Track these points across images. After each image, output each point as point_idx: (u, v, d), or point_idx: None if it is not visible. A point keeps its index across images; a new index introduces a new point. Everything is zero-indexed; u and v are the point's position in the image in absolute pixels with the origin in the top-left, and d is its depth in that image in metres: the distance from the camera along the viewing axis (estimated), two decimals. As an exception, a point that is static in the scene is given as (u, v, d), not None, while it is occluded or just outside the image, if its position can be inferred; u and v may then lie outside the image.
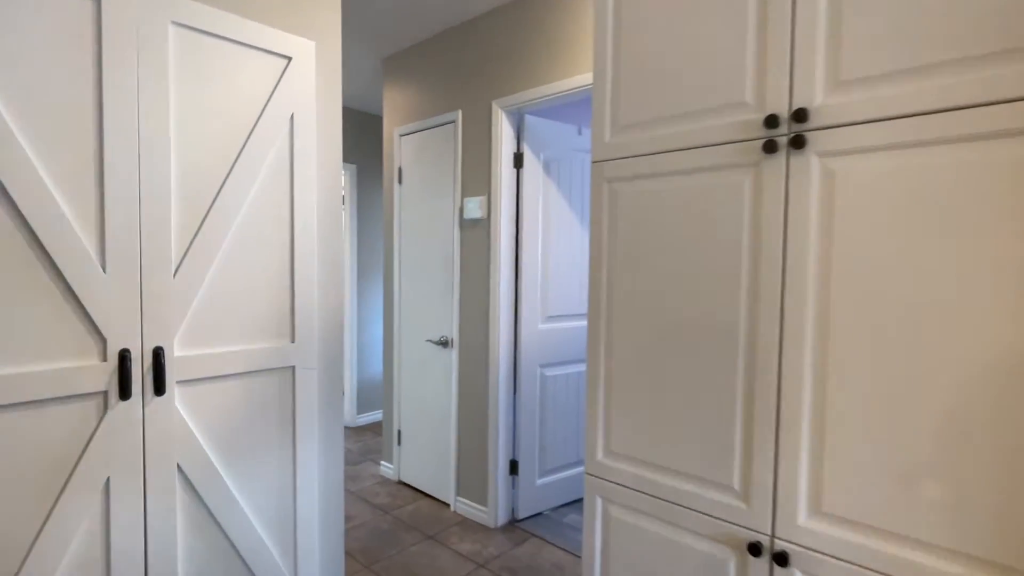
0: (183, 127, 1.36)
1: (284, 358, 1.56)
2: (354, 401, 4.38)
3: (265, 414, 1.53)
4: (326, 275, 1.68)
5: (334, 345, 1.70)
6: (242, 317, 1.47)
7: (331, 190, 1.69)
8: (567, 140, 2.83)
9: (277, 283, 1.54)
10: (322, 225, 1.67)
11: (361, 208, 4.38)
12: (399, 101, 3.17)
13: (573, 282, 2.89)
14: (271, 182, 1.52)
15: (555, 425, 2.87)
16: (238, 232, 1.46)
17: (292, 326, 1.58)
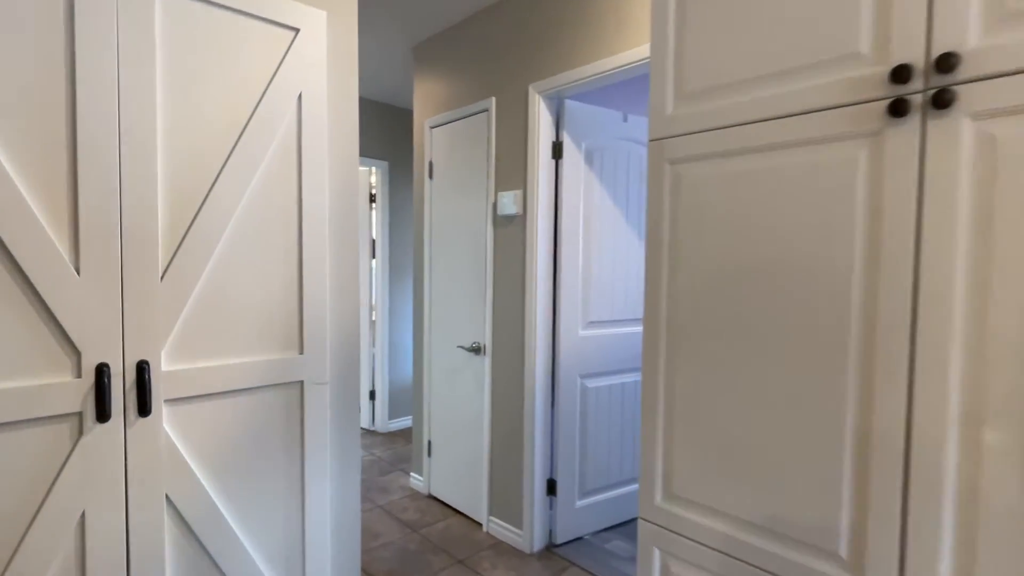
0: (172, 109, 1.18)
1: (291, 371, 1.37)
2: (385, 405, 4.24)
3: (269, 436, 1.35)
4: (340, 277, 1.49)
5: (349, 356, 1.50)
6: (242, 325, 1.29)
7: (346, 181, 1.50)
8: (611, 127, 2.57)
9: (283, 287, 1.35)
10: (336, 221, 1.47)
11: (393, 206, 4.23)
12: (429, 91, 2.98)
13: (617, 284, 2.63)
14: (276, 172, 1.34)
15: (597, 442, 2.62)
16: (237, 229, 1.28)
17: (300, 335, 1.39)
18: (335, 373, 1.47)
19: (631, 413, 2.73)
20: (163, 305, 1.17)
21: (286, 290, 1.36)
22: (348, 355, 1.51)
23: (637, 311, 2.71)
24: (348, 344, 1.50)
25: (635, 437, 2.76)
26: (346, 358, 1.50)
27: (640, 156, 2.67)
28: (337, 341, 1.48)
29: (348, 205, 1.51)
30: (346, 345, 1.50)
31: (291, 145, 1.36)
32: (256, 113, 1.29)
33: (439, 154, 2.93)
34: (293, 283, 1.37)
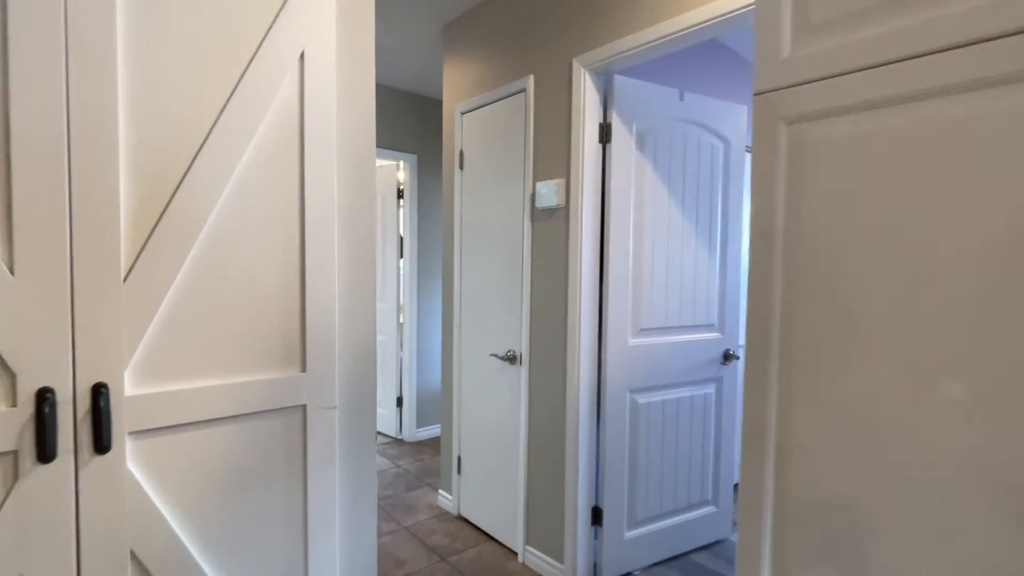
0: (137, 69, 0.94)
1: (291, 394, 1.11)
2: (413, 413, 4.00)
3: (264, 474, 1.10)
4: (353, 280, 1.23)
5: (364, 374, 1.24)
6: (228, 338, 1.04)
7: (360, 165, 1.24)
8: (666, 107, 2.25)
9: (280, 290, 1.10)
10: (347, 213, 1.22)
11: (423, 202, 3.99)
12: (460, 73, 2.72)
13: (672, 285, 2.31)
14: (271, 150, 1.08)
15: (649, 465, 2.30)
16: (222, 219, 1.03)
17: (302, 350, 1.13)
18: (346, 395, 1.21)
19: (688, 432, 2.40)
20: (127, 313, 0.93)
21: (284, 295, 1.11)
22: (362, 373, 1.24)
23: (696, 316, 2.38)
24: (362, 359, 1.24)
25: (692, 460, 2.43)
26: (360, 376, 1.24)
27: (698, 140, 2.34)
28: (348, 356, 1.22)
29: (363, 194, 1.25)
30: (359, 361, 1.24)
31: (291, 117, 1.11)
32: (246, 76, 1.04)
33: (471, 142, 2.66)
34: (293, 286, 1.12)
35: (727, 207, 2.45)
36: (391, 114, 3.81)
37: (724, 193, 2.44)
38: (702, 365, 2.43)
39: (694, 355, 2.39)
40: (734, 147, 2.46)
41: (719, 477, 2.53)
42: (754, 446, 0.87)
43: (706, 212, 2.39)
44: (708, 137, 2.38)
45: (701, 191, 2.37)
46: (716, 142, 2.41)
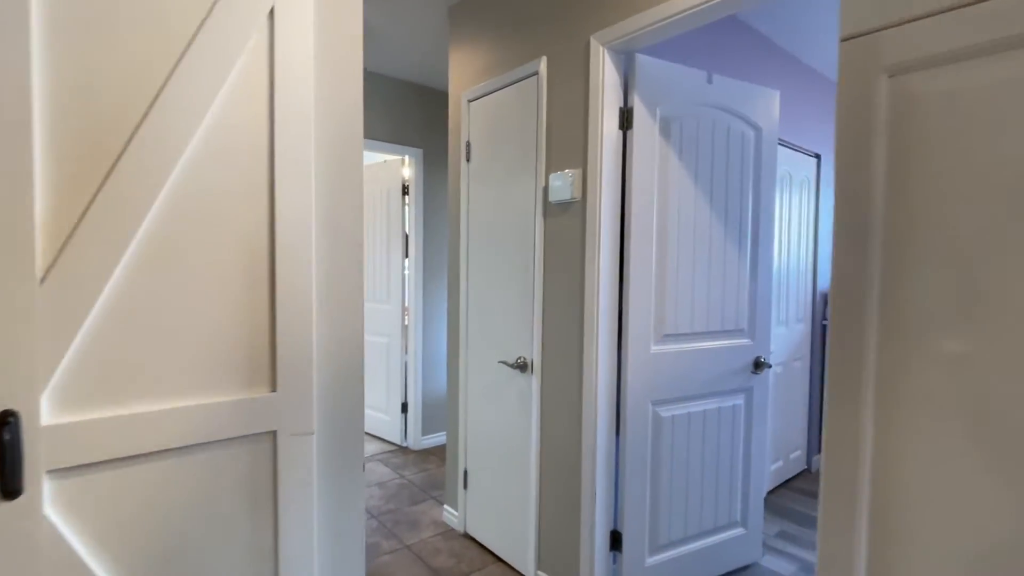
0: (59, 17, 0.76)
1: (258, 418, 0.93)
2: (419, 420, 3.82)
3: (224, 516, 0.91)
4: (334, 286, 1.04)
5: (348, 393, 1.06)
6: (179, 352, 0.86)
7: (345, 153, 1.05)
8: (693, 90, 2.04)
9: (245, 296, 0.92)
10: (327, 208, 1.03)
11: (429, 198, 3.81)
12: (467, 58, 2.53)
13: (699, 287, 2.10)
14: (233, 124, 0.90)
15: (673, 484, 2.10)
16: (170, 208, 0.84)
17: (272, 367, 0.95)
18: (326, 418, 1.02)
19: (715, 448, 2.19)
20: (44, 323, 0.75)
21: (250, 300, 0.92)
22: (346, 391, 1.05)
23: (724, 321, 2.17)
24: (346, 376, 1.05)
25: (719, 478, 2.22)
26: (343, 396, 1.05)
27: (728, 127, 2.13)
28: (330, 373, 1.03)
29: (348, 187, 1.06)
30: (343, 378, 1.05)
31: (258, 89, 0.92)
32: (201, 33, 0.86)
33: (478, 132, 2.47)
34: (261, 291, 0.93)
35: (759, 202, 2.24)
36: (395, 106, 3.64)
37: (755, 187, 2.23)
38: (731, 374, 2.21)
39: (722, 363, 2.18)
40: (766, 136, 2.24)
41: (748, 496, 2.32)
42: (838, 498, 0.67)
43: (736, 207, 2.18)
44: (738, 124, 2.17)
45: (731, 184, 2.15)
46: (747, 130, 2.19)
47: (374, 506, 2.90)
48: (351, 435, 1.06)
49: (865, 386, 0.67)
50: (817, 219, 3.41)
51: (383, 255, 3.96)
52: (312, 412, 0.98)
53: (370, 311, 4.09)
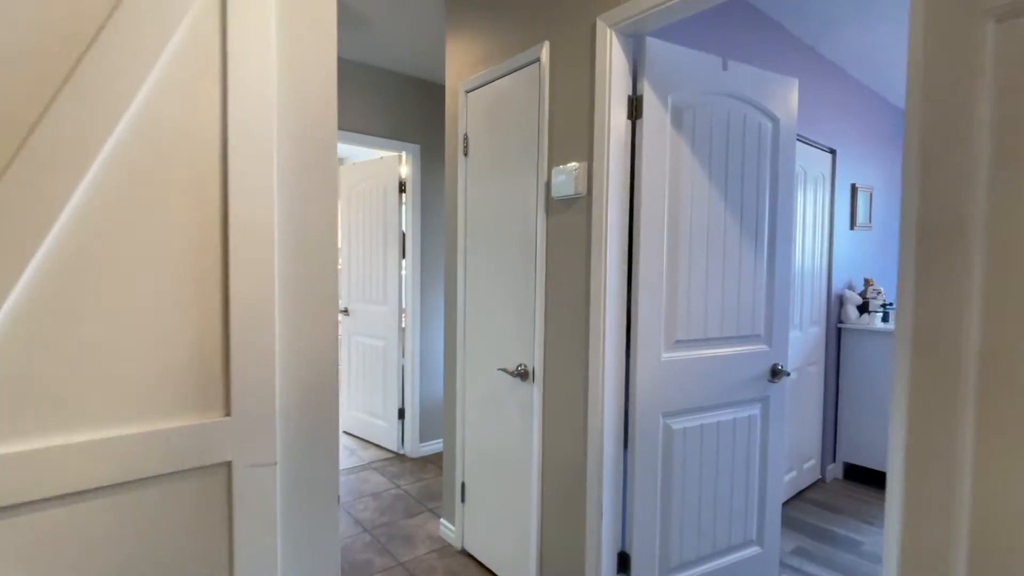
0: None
1: (208, 448, 0.79)
2: (416, 426, 3.68)
3: (167, 566, 0.77)
4: (301, 293, 0.89)
5: (319, 415, 0.91)
6: (106, 370, 0.72)
7: (319, 117, 0.90)
8: (707, 77, 1.89)
9: (191, 304, 0.77)
10: (292, 204, 0.88)
11: (426, 196, 3.67)
12: (465, 45, 2.39)
13: (713, 290, 1.95)
14: (176, 97, 0.76)
15: (685, 501, 1.95)
16: (94, 197, 0.70)
17: (225, 387, 0.80)
18: (292, 444, 0.88)
19: (729, 461, 2.05)
20: (-71, 340, 0.61)
21: (199, 311, 0.78)
22: (317, 413, 0.91)
23: (740, 327, 2.03)
24: (316, 397, 0.91)
25: (734, 493, 2.07)
26: (314, 418, 0.91)
27: (744, 118, 1.98)
28: (296, 392, 0.88)
29: (319, 180, 0.91)
30: (312, 399, 0.90)
31: (208, 49, 0.78)
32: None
33: (476, 124, 2.33)
34: (211, 299, 0.79)
35: (776, 198, 2.09)
36: (391, 100, 3.50)
37: (773, 181, 2.08)
38: (747, 383, 2.07)
39: (737, 371, 2.03)
40: (784, 128, 2.09)
41: (765, 513, 2.17)
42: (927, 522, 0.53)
43: (752, 203, 2.03)
44: (755, 115, 2.02)
45: (747, 178, 2.01)
46: (765, 121, 2.05)
47: (367, 519, 2.76)
48: (323, 464, 0.91)
49: (963, 399, 0.52)
50: (832, 217, 3.26)
51: (379, 255, 3.82)
52: (274, 439, 0.84)
53: (366, 313, 3.95)
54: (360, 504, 2.93)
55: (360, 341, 4.02)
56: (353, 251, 4.07)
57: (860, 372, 3.30)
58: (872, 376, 3.25)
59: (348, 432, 4.17)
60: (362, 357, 4.01)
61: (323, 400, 0.91)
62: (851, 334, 3.34)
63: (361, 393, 4.03)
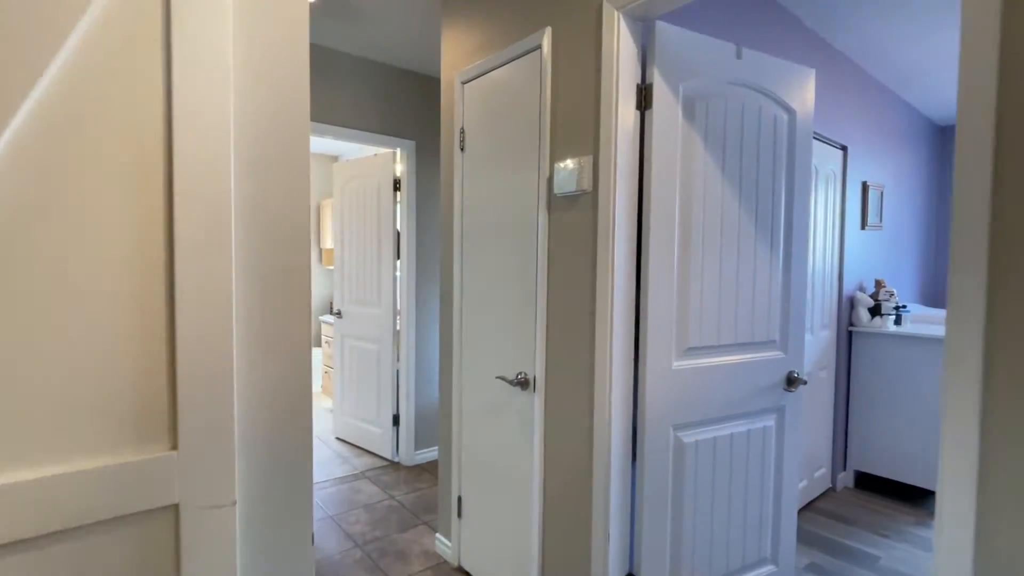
0: None
1: (152, 488, 0.66)
2: (411, 433, 3.55)
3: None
4: (268, 298, 0.76)
5: (288, 445, 0.78)
6: (19, 398, 0.58)
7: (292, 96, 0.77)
8: (721, 65, 1.77)
9: (129, 316, 0.64)
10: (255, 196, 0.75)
11: (422, 194, 3.54)
12: (462, 34, 2.26)
13: (727, 293, 1.82)
14: (105, 64, 0.62)
15: (697, 518, 1.82)
16: (5, 184, 0.57)
17: (172, 415, 0.68)
18: (255, 480, 0.75)
19: (743, 476, 1.92)
20: None
21: (139, 323, 0.65)
22: (286, 443, 0.78)
23: (754, 332, 1.90)
24: (285, 423, 0.78)
25: (748, 509, 1.95)
26: (281, 448, 0.78)
27: (759, 109, 1.86)
28: (260, 419, 0.75)
29: (286, 168, 0.78)
30: (281, 425, 0.77)
31: (147, 6, 0.64)
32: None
33: (473, 117, 2.20)
34: (154, 309, 0.66)
35: (792, 195, 1.96)
36: (385, 94, 3.36)
37: (788, 177, 1.95)
38: (761, 392, 1.94)
39: (752, 380, 1.91)
40: (800, 120, 1.97)
41: (780, 529, 2.04)
42: None
43: (767, 201, 1.90)
44: (771, 107, 1.89)
45: (762, 174, 1.88)
46: (780, 113, 1.92)
47: (359, 533, 2.63)
48: (294, 502, 0.78)
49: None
50: (844, 216, 3.14)
51: (373, 255, 3.69)
52: (233, 474, 0.71)
53: (359, 315, 3.82)
54: (352, 516, 2.80)
55: (353, 344, 3.89)
56: (346, 251, 3.93)
57: (872, 377, 3.18)
58: (884, 381, 3.13)
59: (340, 439, 4.04)
60: (355, 361, 3.87)
61: (295, 426, 0.78)
62: (863, 337, 3.22)
63: (354, 398, 3.90)
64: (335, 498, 3.02)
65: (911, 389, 3.03)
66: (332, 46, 3.09)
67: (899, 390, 3.08)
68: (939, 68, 3.20)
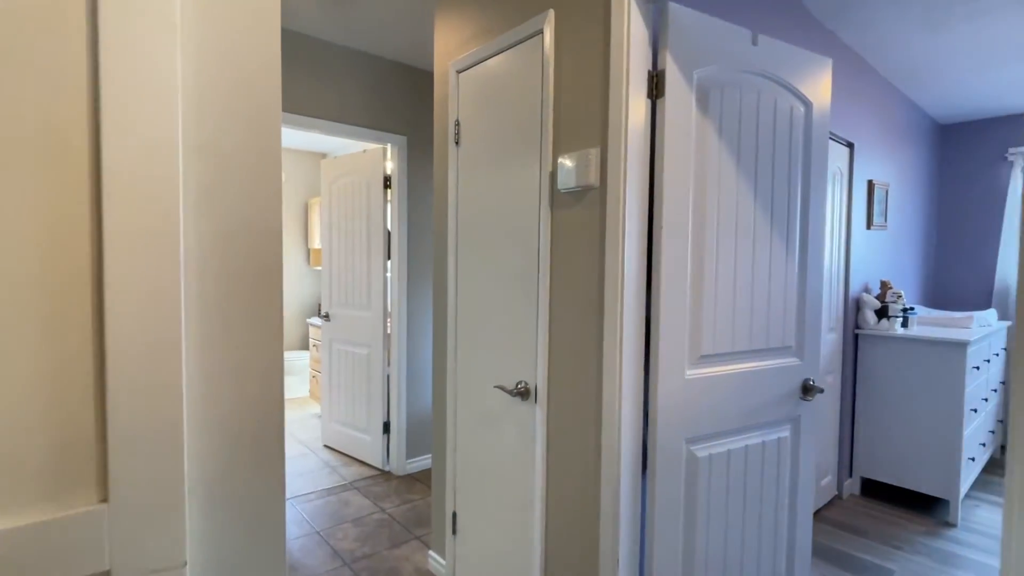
0: None
1: (72, 552, 0.52)
2: (403, 440, 3.40)
3: None
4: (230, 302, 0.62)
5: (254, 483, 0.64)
6: None
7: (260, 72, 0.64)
8: (736, 51, 1.65)
9: (42, 329, 0.50)
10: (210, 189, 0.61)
11: (414, 192, 3.39)
12: (456, 20, 2.12)
13: (742, 296, 1.70)
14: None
15: (710, 539, 1.70)
16: None
17: (100, 458, 0.53)
18: (210, 534, 0.61)
19: (757, 491, 1.80)
20: None
21: (56, 339, 0.50)
22: (252, 481, 0.64)
23: (769, 338, 1.78)
24: (250, 456, 0.64)
25: (763, 526, 1.83)
26: (247, 488, 0.64)
27: (774, 100, 1.74)
28: (217, 453, 0.61)
29: (254, 129, 0.64)
30: (245, 461, 0.63)
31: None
32: None
33: (469, 108, 2.06)
34: (77, 321, 0.51)
35: (808, 193, 1.85)
36: (375, 87, 3.22)
37: (805, 174, 1.84)
38: (776, 401, 1.82)
39: (767, 388, 1.79)
40: (817, 113, 1.86)
41: (795, 546, 1.93)
42: None
43: (783, 199, 1.78)
44: (787, 97, 1.78)
45: (778, 170, 1.76)
46: (797, 105, 1.80)
47: (347, 549, 2.48)
48: (263, 555, 0.64)
49: None
50: (850, 216, 3.04)
51: (363, 256, 3.54)
52: (182, 530, 0.57)
53: (348, 319, 3.66)
54: (339, 532, 2.65)
55: (342, 349, 3.74)
56: (334, 252, 3.78)
57: (879, 381, 3.09)
58: (892, 385, 3.04)
59: (329, 447, 3.88)
60: (344, 366, 3.72)
61: (263, 461, 0.64)
62: (869, 340, 3.12)
63: (343, 405, 3.74)
64: (322, 511, 2.87)
65: (919, 393, 2.93)
66: (319, 35, 2.94)
67: (907, 394, 2.98)
68: (944, 66, 3.11)
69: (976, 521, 2.84)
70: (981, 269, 4.18)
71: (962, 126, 4.25)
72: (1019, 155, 3.98)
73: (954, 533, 2.71)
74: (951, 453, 2.83)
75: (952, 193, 4.31)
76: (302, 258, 5.77)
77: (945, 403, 2.85)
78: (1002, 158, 4.09)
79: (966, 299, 4.25)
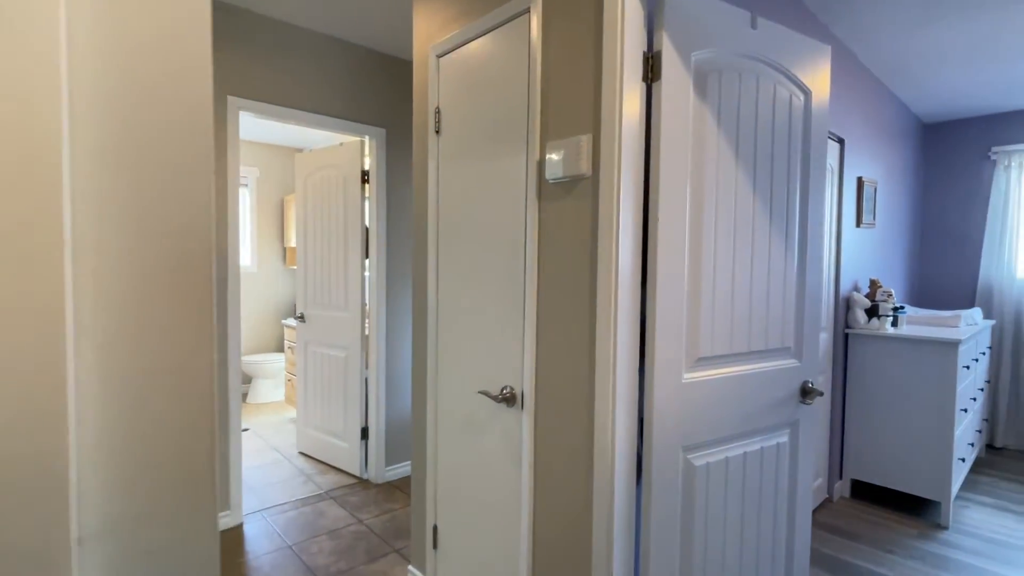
0: None
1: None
2: (382, 447, 3.26)
3: None
4: (138, 296, 0.48)
5: (174, 528, 0.50)
6: None
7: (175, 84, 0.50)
8: (735, 34, 1.55)
9: None
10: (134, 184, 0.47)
11: (392, 188, 3.25)
12: (436, 3, 1.99)
13: (740, 295, 1.61)
14: None
15: (708, 552, 1.60)
16: None
17: None
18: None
19: (756, 499, 1.71)
20: None
21: None
22: (172, 525, 0.50)
23: (768, 339, 1.69)
24: (172, 496, 0.50)
25: (761, 536, 1.73)
26: (162, 535, 0.50)
27: (774, 87, 1.65)
28: (124, 496, 0.47)
29: (175, 110, 0.51)
30: (165, 502, 0.49)
31: None
32: None
33: (450, 95, 1.93)
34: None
35: (807, 187, 1.76)
36: (353, 77, 3.07)
37: (804, 167, 1.75)
38: (775, 405, 1.73)
39: (766, 392, 1.70)
40: (816, 103, 1.77)
41: (793, 556, 1.84)
42: None
43: (782, 192, 1.69)
44: (786, 85, 1.69)
45: (777, 161, 1.67)
46: (796, 93, 1.72)
47: (322, 565, 2.33)
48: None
49: None
50: (840, 213, 2.98)
51: (339, 254, 3.38)
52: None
53: (324, 320, 3.50)
54: (314, 546, 2.50)
55: (317, 351, 3.57)
56: (310, 250, 3.61)
57: (869, 381, 3.04)
58: (882, 385, 2.99)
59: (304, 453, 3.71)
60: (320, 369, 3.56)
61: (190, 496, 0.51)
62: (859, 340, 3.07)
63: (319, 410, 3.58)
64: (296, 523, 2.71)
65: (911, 393, 2.89)
66: (291, 20, 2.78)
67: (898, 395, 2.93)
68: (929, 63, 3.08)
69: (967, 523, 2.80)
70: (965, 268, 4.18)
71: (945, 125, 4.25)
72: (1002, 154, 3.98)
73: (946, 536, 2.66)
74: (942, 454, 2.79)
75: (936, 192, 4.31)
76: (277, 257, 5.57)
77: (937, 403, 2.80)
78: (985, 157, 4.09)
79: (950, 298, 4.25)
